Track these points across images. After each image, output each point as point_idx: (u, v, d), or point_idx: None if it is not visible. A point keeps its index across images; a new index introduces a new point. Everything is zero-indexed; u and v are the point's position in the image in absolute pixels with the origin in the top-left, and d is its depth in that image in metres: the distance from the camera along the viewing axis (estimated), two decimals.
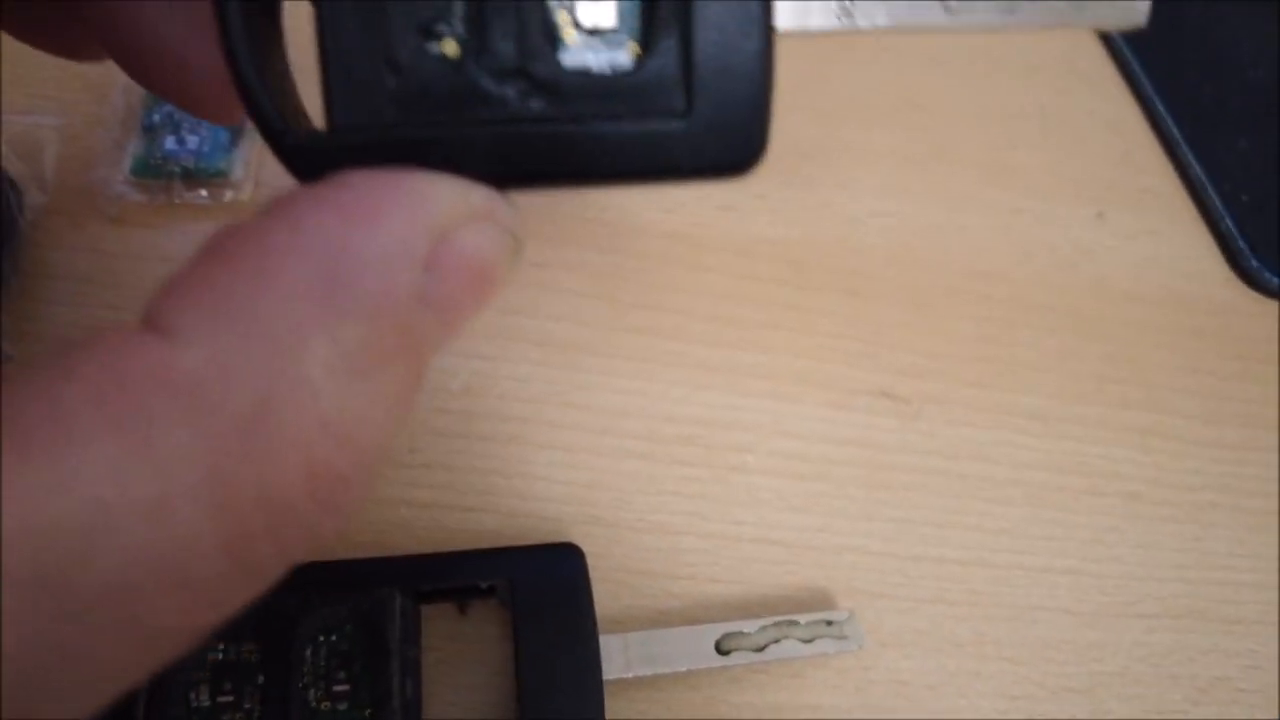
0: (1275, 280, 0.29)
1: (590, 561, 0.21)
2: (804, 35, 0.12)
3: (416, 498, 0.22)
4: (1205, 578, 0.25)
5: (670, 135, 0.12)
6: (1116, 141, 0.33)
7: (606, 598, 0.21)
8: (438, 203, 0.11)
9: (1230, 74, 0.34)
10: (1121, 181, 0.32)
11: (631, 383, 0.24)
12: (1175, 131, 0.32)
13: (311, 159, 0.11)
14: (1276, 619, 0.24)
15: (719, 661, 0.20)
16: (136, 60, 0.14)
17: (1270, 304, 0.30)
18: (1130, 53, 0.34)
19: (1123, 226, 0.30)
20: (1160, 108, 0.33)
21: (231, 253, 0.10)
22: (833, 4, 0.12)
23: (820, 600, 0.22)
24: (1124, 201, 0.31)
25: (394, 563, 0.20)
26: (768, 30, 0.12)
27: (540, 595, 0.19)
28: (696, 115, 0.12)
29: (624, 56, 0.12)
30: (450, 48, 0.11)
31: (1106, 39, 0.35)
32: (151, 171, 0.24)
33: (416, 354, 0.11)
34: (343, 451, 0.10)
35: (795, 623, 0.20)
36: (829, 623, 0.21)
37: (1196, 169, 0.31)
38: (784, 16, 0.12)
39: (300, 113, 0.12)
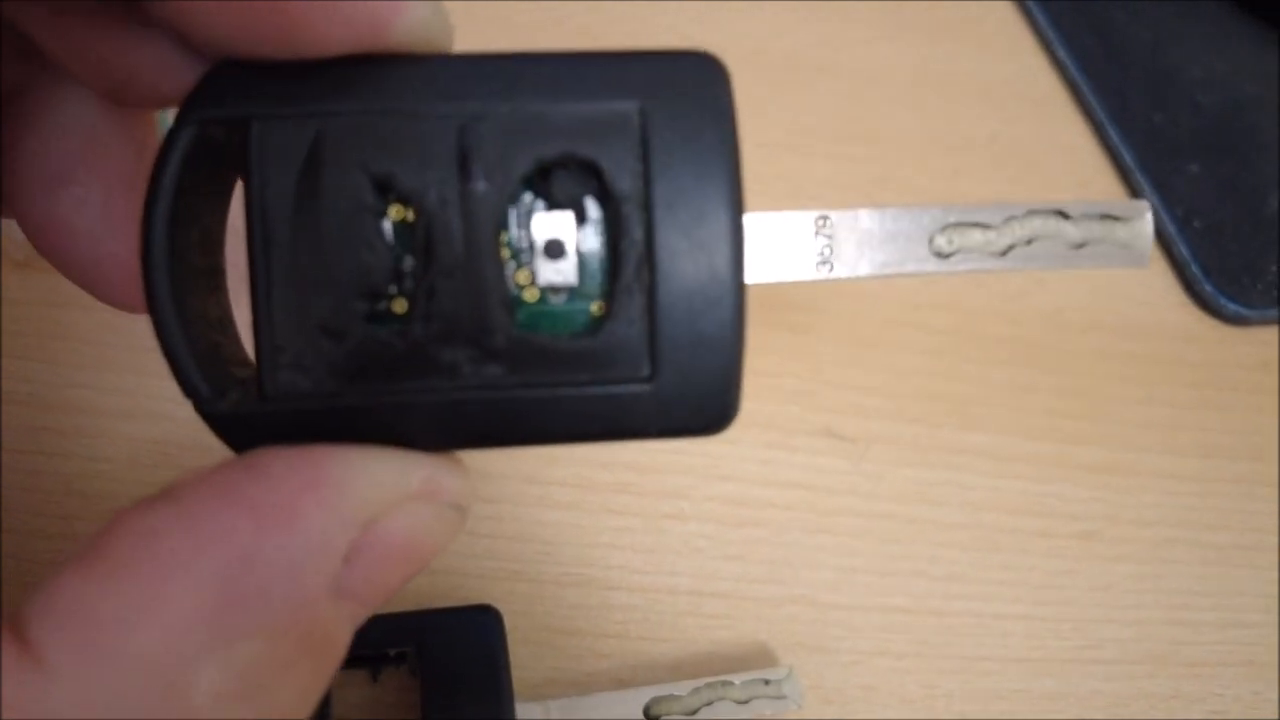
0: (1230, 306, 0.29)
1: (513, 621, 0.19)
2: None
3: None
4: (1164, 618, 0.24)
5: (635, 399, 0.11)
6: (1069, 167, 0.32)
7: (530, 660, 0.20)
8: (366, 489, 0.10)
9: (1180, 99, 0.33)
10: None
11: None
12: (1128, 157, 0.32)
13: (241, 429, 0.11)
14: (1239, 661, 0.23)
15: None
16: (47, 246, 0.14)
17: (1226, 330, 0.29)
18: (1082, 78, 0.33)
19: None
20: (1112, 133, 0.32)
21: (120, 563, 0.09)
22: (812, 255, 0.12)
23: (759, 656, 0.21)
24: None
25: None
26: (739, 294, 0.11)
27: (452, 663, 0.18)
28: (663, 381, 0.11)
29: (586, 317, 0.11)
30: (399, 307, 0.11)
31: (1057, 62, 0.34)
32: None
33: (327, 650, 0.10)
34: None
35: (730, 683, 0.19)
36: (766, 682, 0.19)
37: (1149, 194, 0.31)
38: (757, 271, 0.11)
39: (237, 361, 0.11)
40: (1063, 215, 0.12)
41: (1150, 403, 0.27)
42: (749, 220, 0.11)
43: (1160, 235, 0.30)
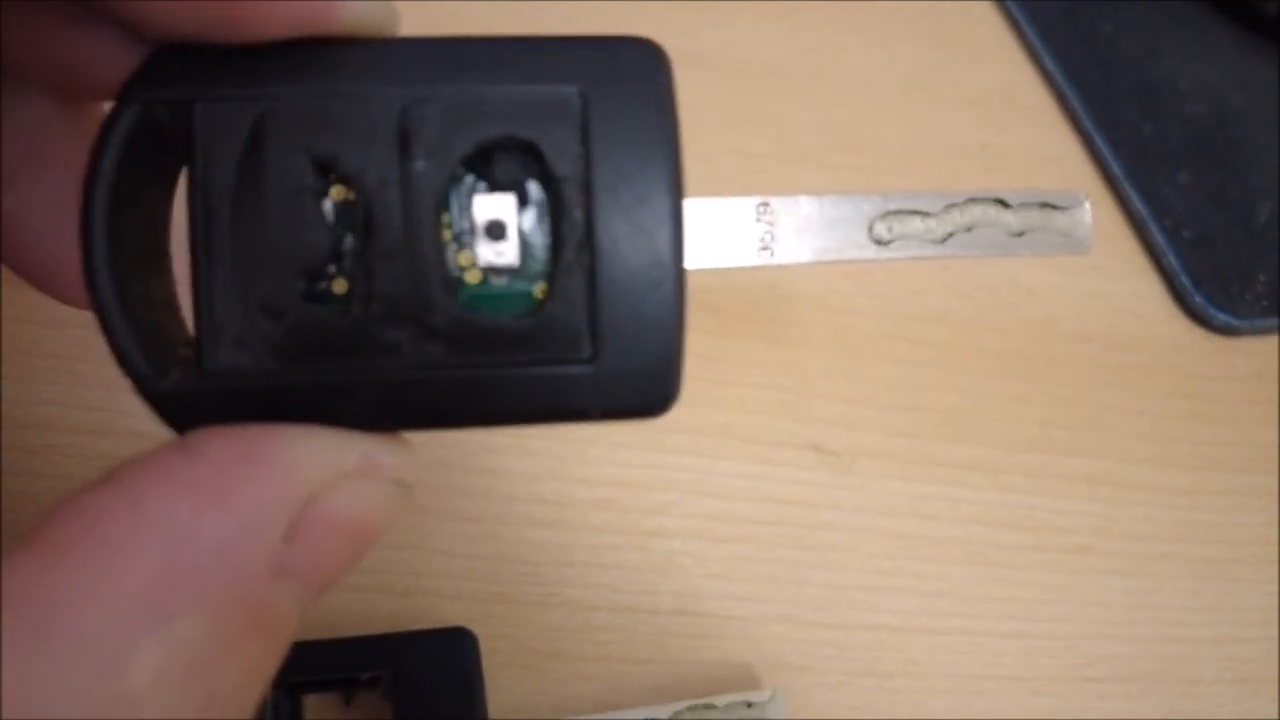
0: (1221, 316, 0.28)
1: (492, 644, 0.19)
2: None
3: None
4: (1158, 634, 0.23)
5: (576, 380, 0.11)
6: (1058, 177, 0.32)
7: (510, 683, 0.19)
8: (305, 466, 0.10)
9: (1169, 109, 0.33)
10: None
11: (543, 443, 0.22)
12: (1116, 167, 0.31)
13: (181, 407, 0.10)
14: (1234, 677, 0.23)
15: None
16: (9, 252, 0.13)
17: (1217, 340, 0.29)
18: (1071, 88, 0.33)
19: (1065, 264, 0.29)
20: (1101, 143, 0.32)
21: (60, 546, 0.09)
22: (753, 240, 0.12)
23: (743, 677, 0.20)
24: None
25: None
26: (679, 276, 0.11)
27: (425, 687, 0.17)
28: (604, 362, 0.11)
29: (527, 299, 0.11)
30: (339, 287, 0.11)
31: (1045, 72, 0.34)
32: None
33: (272, 629, 0.10)
34: None
35: (712, 706, 0.19)
36: (748, 704, 0.19)
37: (1138, 204, 0.31)
38: (697, 258, 0.12)
39: (181, 342, 0.11)
40: (1002, 204, 0.12)
41: (1142, 414, 0.27)
42: (690, 206, 0.11)
43: (1149, 246, 0.30)
